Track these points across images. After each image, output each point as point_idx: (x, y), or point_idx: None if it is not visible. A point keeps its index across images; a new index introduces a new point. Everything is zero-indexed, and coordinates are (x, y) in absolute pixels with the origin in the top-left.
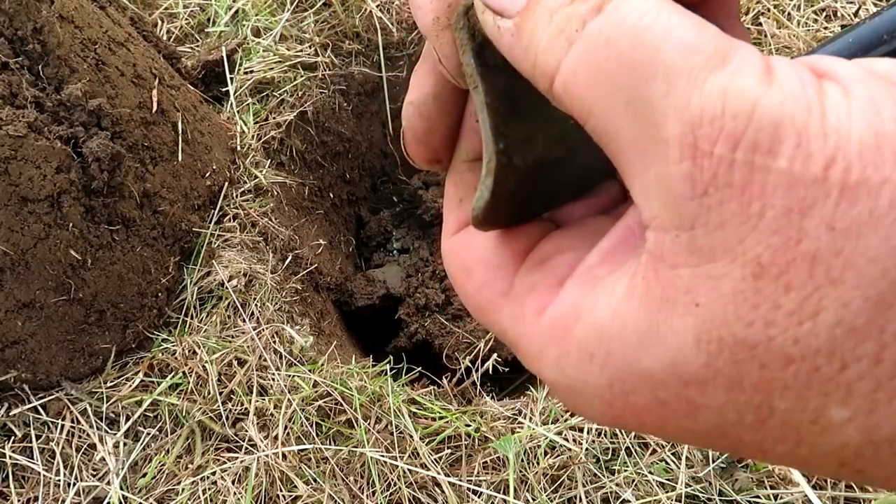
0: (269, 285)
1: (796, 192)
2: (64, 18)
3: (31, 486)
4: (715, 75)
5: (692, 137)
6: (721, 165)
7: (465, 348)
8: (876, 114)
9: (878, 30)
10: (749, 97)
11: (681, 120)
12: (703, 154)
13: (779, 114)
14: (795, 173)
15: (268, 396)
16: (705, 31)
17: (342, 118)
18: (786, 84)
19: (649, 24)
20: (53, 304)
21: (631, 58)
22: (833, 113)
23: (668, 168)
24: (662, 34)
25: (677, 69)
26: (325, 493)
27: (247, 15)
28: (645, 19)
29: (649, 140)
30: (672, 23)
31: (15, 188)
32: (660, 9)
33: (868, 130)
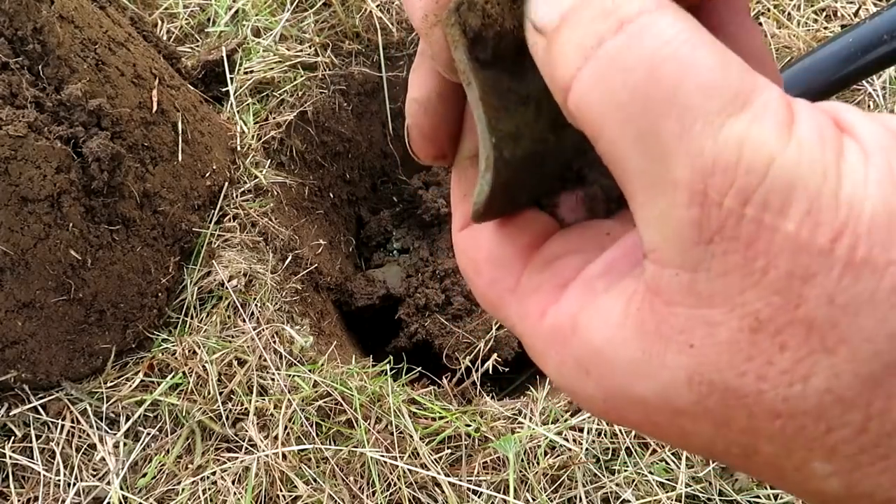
0: (269, 285)
1: (801, 259)
2: (64, 18)
3: (31, 486)
4: (733, 121)
5: (703, 185)
6: (730, 218)
7: (465, 348)
8: (893, 189)
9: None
10: (766, 152)
11: (692, 166)
12: (713, 203)
13: (794, 175)
14: (802, 240)
15: (268, 396)
16: (729, 68)
17: (342, 118)
18: (805, 140)
19: (670, 56)
20: (53, 304)
21: (646, 91)
22: (849, 181)
23: (676, 210)
24: (683, 69)
25: (694, 111)
26: (325, 493)
27: (247, 15)
28: (666, 49)
29: (657, 177)
30: (695, 57)
31: (15, 188)
32: (684, 39)
33: (882, 207)
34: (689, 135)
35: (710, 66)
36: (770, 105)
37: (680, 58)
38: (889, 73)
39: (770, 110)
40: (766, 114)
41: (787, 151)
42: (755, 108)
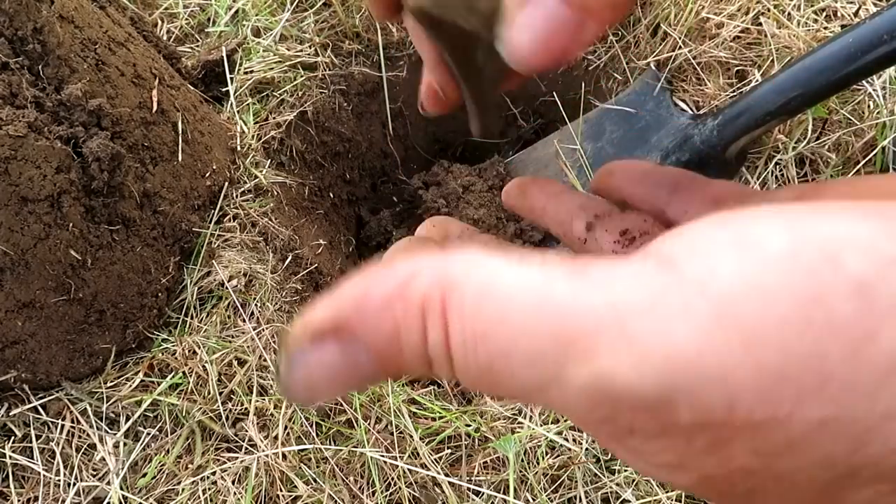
0: (269, 285)
1: (709, 434)
2: (64, 18)
3: (31, 486)
4: (576, 365)
5: (586, 422)
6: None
7: None
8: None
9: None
10: (620, 384)
11: (572, 414)
12: (593, 423)
13: (656, 392)
14: (701, 422)
15: (268, 396)
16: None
17: (342, 118)
18: (648, 364)
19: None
20: (53, 304)
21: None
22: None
23: (578, 420)
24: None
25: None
26: (325, 493)
27: (247, 15)
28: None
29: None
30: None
31: (15, 188)
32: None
33: (752, 369)
34: (555, 389)
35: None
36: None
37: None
38: (889, 73)
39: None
40: (600, 343)
41: (635, 373)
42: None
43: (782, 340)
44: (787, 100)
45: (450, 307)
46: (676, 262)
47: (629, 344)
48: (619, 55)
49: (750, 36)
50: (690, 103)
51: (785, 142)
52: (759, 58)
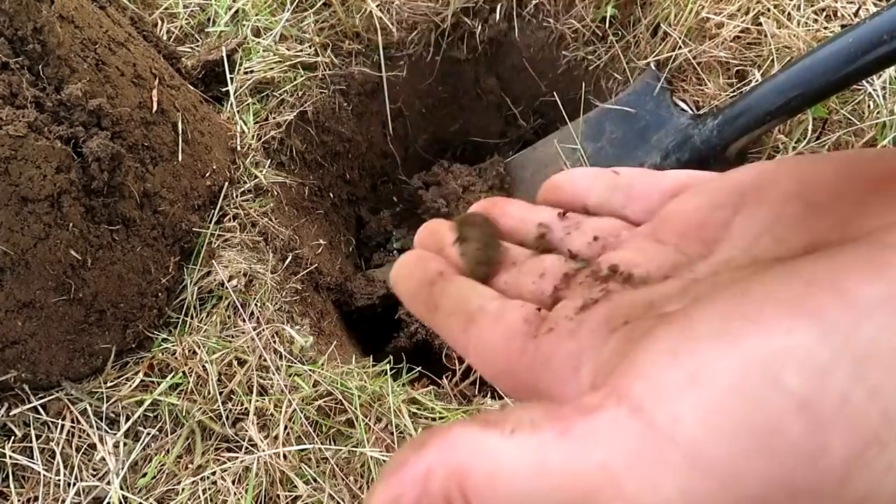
0: (269, 285)
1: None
2: (64, 18)
3: (31, 486)
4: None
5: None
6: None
7: None
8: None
9: (878, 30)
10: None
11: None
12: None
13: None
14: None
15: (268, 396)
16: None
17: (342, 118)
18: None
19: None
20: (53, 304)
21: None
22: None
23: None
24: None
25: None
26: (326, 492)
27: (247, 15)
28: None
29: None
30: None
31: (15, 188)
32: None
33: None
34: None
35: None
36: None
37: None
38: (889, 73)
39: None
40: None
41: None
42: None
43: (752, 472)
44: (788, 100)
45: (471, 497)
46: (644, 409)
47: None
48: (619, 55)
49: (750, 36)
50: (690, 103)
51: (785, 142)
52: (759, 58)
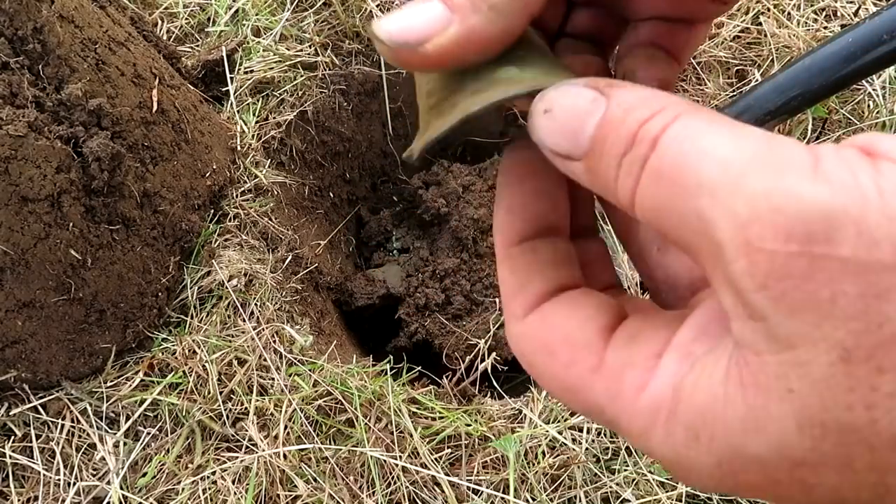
0: (269, 285)
1: (867, 279)
2: (64, 18)
3: (31, 485)
4: (757, 178)
5: (743, 237)
6: (776, 258)
7: (465, 348)
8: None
9: (878, 30)
10: (794, 192)
11: (730, 224)
12: (755, 250)
13: (828, 206)
14: (862, 261)
15: (268, 396)
16: (744, 138)
17: (342, 118)
18: (834, 176)
19: (689, 150)
20: (53, 304)
21: (679, 182)
22: (892, 196)
23: (729, 267)
24: (700, 154)
25: (717, 182)
26: (326, 492)
27: (247, 14)
28: (685, 145)
29: (710, 248)
30: (710, 142)
31: (15, 188)
32: (698, 132)
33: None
34: (720, 200)
35: (725, 142)
36: (790, 156)
37: (699, 147)
38: (889, 73)
39: (791, 160)
40: (787, 164)
41: (815, 188)
42: (775, 163)
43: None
44: (788, 99)
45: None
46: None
47: (819, 170)
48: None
49: (750, 36)
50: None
51: None
52: (759, 57)
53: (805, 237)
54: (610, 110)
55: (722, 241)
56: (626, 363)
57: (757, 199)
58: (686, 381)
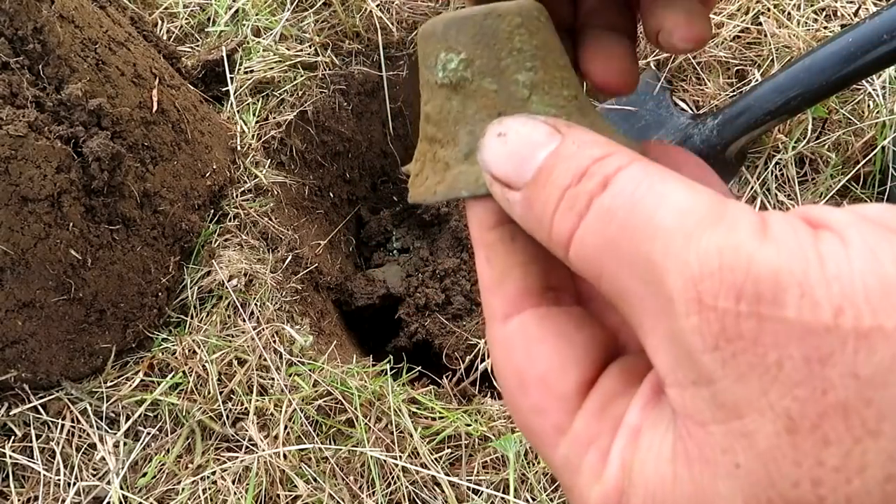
0: (269, 285)
1: (811, 342)
2: (64, 18)
3: (31, 485)
4: (710, 233)
5: (695, 292)
6: (727, 317)
7: (465, 348)
8: (875, 259)
9: (878, 30)
10: (744, 251)
11: (682, 275)
12: (708, 308)
13: (776, 265)
14: (806, 322)
15: (268, 396)
16: (699, 193)
17: (342, 118)
18: (780, 237)
19: (645, 193)
20: (53, 304)
21: (631, 223)
22: (832, 261)
23: (677, 323)
24: (657, 200)
25: (673, 230)
26: (326, 492)
27: (247, 14)
28: (640, 188)
29: (655, 297)
30: (666, 189)
31: (15, 188)
32: (654, 179)
33: (870, 276)
34: (674, 249)
35: (682, 191)
36: (742, 217)
37: (654, 191)
38: (889, 73)
39: (743, 221)
40: (739, 224)
41: (764, 247)
42: (728, 221)
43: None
44: (787, 99)
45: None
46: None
47: (767, 231)
48: None
49: (750, 35)
50: (690, 103)
51: (785, 141)
52: (759, 57)
53: (754, 297)
54: (563, 144)
55: (672, 294)
56: (590, 439)
57: (710, 255)
58: (635, 461)
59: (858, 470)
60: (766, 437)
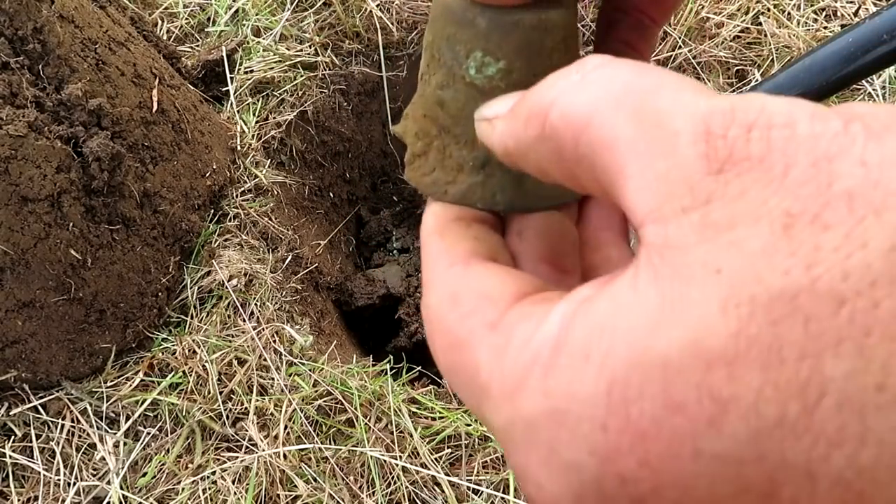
0: (269, 285)
1: (820, 146)
2: (64, 18)
3: (31, 485)
4: (720, 97)
5: (704, 125)
6: (737, 142)
7: None
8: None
9: (878, 30)
10: (758, 98)
11: (691, 115)
12: (717, 136)
13: (788, 105)
14: (817, 133)
15: (268, 396)
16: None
17: (342, 118)
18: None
19: (650, 69)
20: (53, 304)
21: (637, 82)
22: (842, 108)
23: (679, 154)
24: (661, 74)
25: (683, 90)
26: (326, 492)
27: (247, 14)
28: (646, 67)
29: (654, 139)
30: (666, 75)
31: (15, 188)
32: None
33: (883, 111)
34: (682, 100)
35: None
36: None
37: (655, 71)
38: (889, 73)
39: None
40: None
41: (774, 98)
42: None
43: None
44: None
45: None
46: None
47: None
48: None
49: (750, 35)
50: None
51: None
52: (759, 57)
53: (766, 126)
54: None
55: (678, 130)
56: (523, 316)
57: (722, 100)
58: (579, 311)
59: (860, 245)
60: (758, 238)
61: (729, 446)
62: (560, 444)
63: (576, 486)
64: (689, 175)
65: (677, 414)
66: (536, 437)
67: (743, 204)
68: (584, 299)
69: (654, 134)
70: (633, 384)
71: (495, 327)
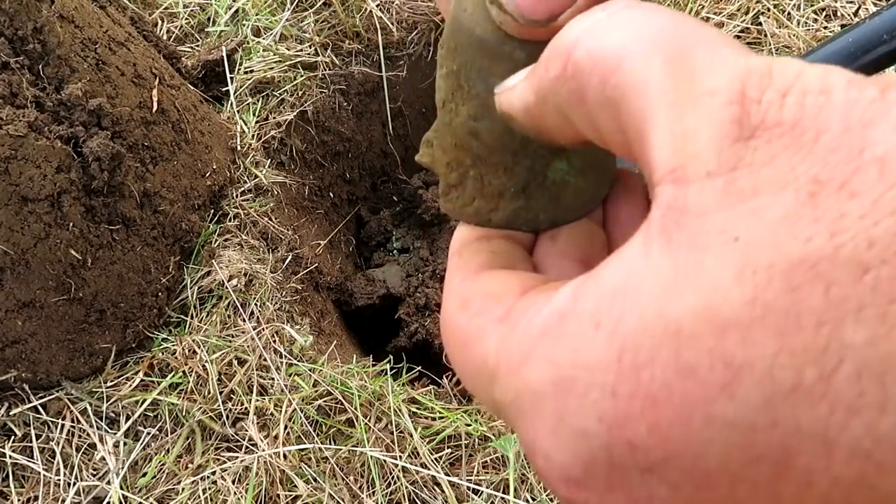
0: (269, 285)
1: (854, 113)
2: (64, 18)
3: (31, 485)
4: (756, 56)
5: (740, 86)
6: (770, 108)
7: None
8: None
9: (878, 30)
10: (794, 66)
11: (727, 73)
12: (752, 101)
13: (825, 72)
14: (852, 99)
15: (268, 396)
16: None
17: (342, 118)
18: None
19: (686, 17)
20: (53, 304)
21: (674, 28)
22: (880, 78)
23: (710, 114)
24: (701, 25)
25: (721, 46)
26: (326, 492)
27: (247, 14)
28: (680, 15)
29: (687, 93)
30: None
31: (15, 188)
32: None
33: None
34: (721, 55)
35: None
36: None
37: (692, 20)
38: (889, 73)
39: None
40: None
41: (812, 66)
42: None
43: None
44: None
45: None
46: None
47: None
48: None
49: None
50: None
51: None
52: None
53: (802, 92)
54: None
55: (713, 88)
56: (530, 303)
57: (759, 64)
58: (588, 279)
59: (889, 212)
60: (781, 205)
61: (742, 412)
62: (568, 412)
63: (584, 454)
64: (718, 139)
65: (689, 379)
66: (544, 406)
67: (769, 171)
68: (591, 273)
69: (687, 87)
70: (645, 349)
71: (503, 320)
